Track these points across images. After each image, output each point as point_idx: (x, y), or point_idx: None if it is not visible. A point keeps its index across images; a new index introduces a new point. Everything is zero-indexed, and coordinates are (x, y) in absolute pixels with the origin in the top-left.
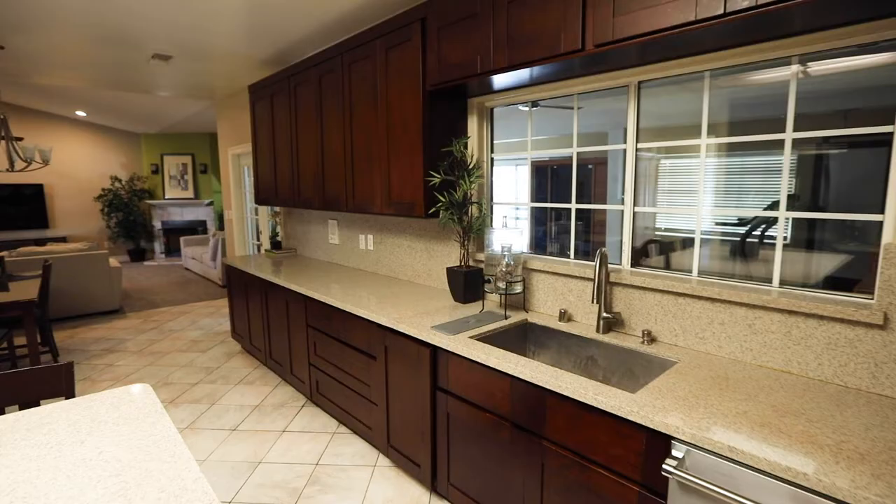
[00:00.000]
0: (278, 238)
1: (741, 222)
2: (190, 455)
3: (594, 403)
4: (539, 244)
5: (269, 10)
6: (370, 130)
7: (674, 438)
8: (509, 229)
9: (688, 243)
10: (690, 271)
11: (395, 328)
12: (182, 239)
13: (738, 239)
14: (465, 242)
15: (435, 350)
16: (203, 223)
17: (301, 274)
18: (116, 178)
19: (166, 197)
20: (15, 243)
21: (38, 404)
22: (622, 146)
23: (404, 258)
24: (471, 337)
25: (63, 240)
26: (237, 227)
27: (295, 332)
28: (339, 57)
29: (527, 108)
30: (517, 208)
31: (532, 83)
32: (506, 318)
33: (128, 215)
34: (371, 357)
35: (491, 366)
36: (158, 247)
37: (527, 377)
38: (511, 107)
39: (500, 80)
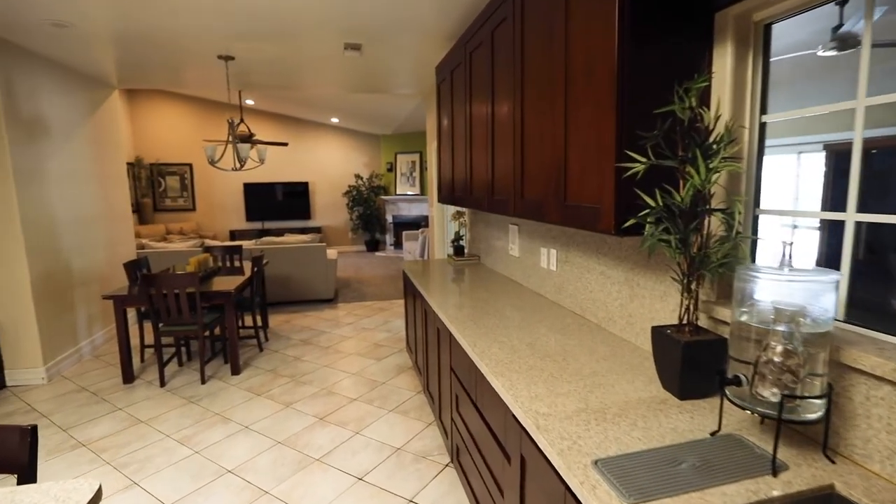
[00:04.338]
0: (461, 243)
1: None
2: None
3: None
4: (857, 298)
5: None
6: (543, 91)
7: None
8: (798, 273)
9: None
10: None
11: (532, 436)
12: (404, 233)
13: None
14: (692, 285)
15: None
16: (426, 218)
17: (464, 292)
18: (359, 175)
19: (397, 193)
20: (284, 231)
21: None
22: None
23: (594, 289)
24: None
25: (318, 230)
26: (437, 226)
27: (443, 370)
28: None
29: (826, 53)
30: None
31: None
32: (773, 470)
33: (366, 209)
34: (506, 456)
35: None
36: (388, 239)
37: None
38: (803, 54)
39: None
